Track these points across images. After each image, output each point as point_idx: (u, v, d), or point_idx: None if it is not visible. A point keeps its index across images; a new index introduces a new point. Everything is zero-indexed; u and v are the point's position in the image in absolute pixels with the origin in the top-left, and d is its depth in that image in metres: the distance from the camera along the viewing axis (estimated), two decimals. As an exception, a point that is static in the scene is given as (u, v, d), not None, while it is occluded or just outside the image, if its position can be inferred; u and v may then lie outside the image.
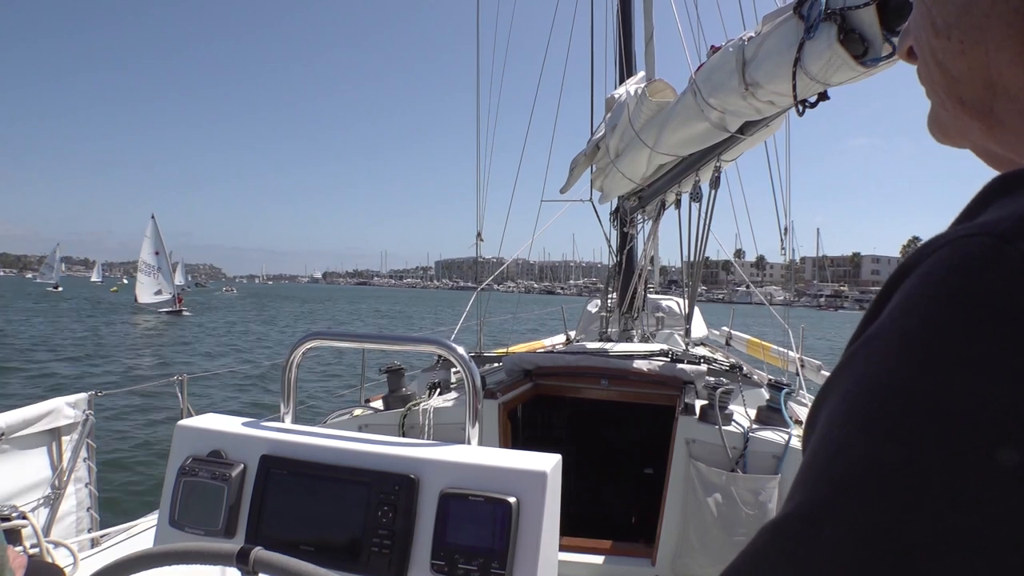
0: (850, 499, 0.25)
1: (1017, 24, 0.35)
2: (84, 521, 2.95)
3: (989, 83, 0.38)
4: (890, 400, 0.26)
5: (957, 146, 0.46)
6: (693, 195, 3.38)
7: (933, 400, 0.25)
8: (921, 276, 0.28)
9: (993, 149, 0.42)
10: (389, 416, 2.75)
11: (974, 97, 0.40)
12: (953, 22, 0.38)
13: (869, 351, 0.28)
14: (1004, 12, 0.35)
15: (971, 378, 0.24)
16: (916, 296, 0.27)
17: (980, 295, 0.25)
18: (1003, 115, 0.39)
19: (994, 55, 0.37)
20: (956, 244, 0.27)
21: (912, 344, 0.26)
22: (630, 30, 5.45)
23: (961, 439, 0.24)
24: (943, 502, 0.24)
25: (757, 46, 2.18)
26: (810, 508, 0.27)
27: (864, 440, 0.26)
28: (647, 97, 3.38)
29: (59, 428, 2.85)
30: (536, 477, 1.03)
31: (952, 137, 0.45)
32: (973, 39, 0.38)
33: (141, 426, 8.51)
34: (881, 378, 0.27)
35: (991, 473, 0.23)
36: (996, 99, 0.38)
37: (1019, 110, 0.37)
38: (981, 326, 0.25)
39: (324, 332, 1.38)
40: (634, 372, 2.96)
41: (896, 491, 0.24)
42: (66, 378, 12.92)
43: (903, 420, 0.25)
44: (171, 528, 1.17)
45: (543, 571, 1.00)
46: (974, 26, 0.37)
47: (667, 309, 6.16)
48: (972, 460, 0.24)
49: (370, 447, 1.14)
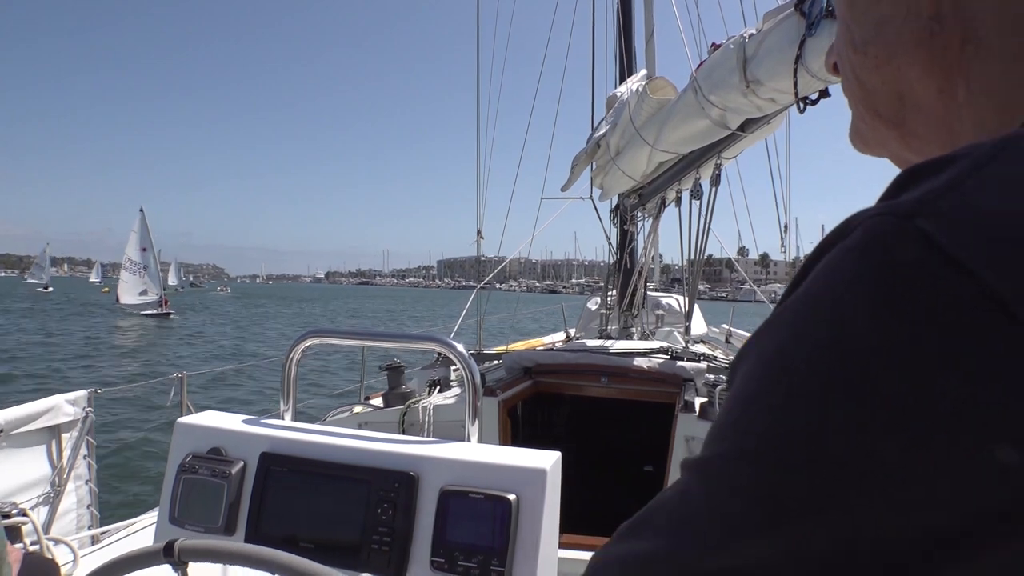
0: (761, 445, 0.28)
1: (924, 42, 0.38)
2: (84, 518, 2.95)
3: (900, 96, 0.41)
4: (790, 368, 0.28)
5: (876, 155, 0.49)
6: (694, 193, 3.38)
7: (823, 379, 0.27)
8: (832, 256, 0.29)
9: (908, 157, 0.45)
10: (389, 413, 2.75)
11: (888, 109, 0.43)
12: (869, 39, 0.42)
13: (783, 318, 0.30)
14: (913, 30, 0.39)
15: (871, 356, 0.26)
16: (828, 268, 0.29)
17: (878, 270, 0.27)
18: (914, 125, 0.42)
19: (904, 70, 0.40)
20: (867, 223, 0.29)
21: (815, 322, 0.28)
22: (630, 28, 5.44)
23: (832, 406, 0.26)
24: (825, 460, 0.26)
25: (758, 43, 2.17)
26: (730, 450, 0.30)
27: (772, 402, 0.28)
28: (648, 95, 3.38)
29: (59, 425, 2.85)
30: (536, 474, 1.03)
31: (871, 147, 0.48)
32: (886, 55, 0.41)
33: (139, 423, 8.52)
34: (788, 346, 0.29)
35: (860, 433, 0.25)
36: (907, 110, 0.42)
37: (928, 120, 0.41)
38: (879, 299, 0.26)
39: (324, 330, 1.38)
40: (634, 370, 2.96)
41: (788, 451, 0.27)
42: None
43: (792, 389, 0.28)
44: (171, 525, 1.17)
45: (543, 568, 1.00)
46: (887, 43, 0.41)
47: (667, 307, 6.16)
48: (842, 420, 0.26)
49: (370, 444, 1.14)
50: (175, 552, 0.84)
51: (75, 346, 20.14)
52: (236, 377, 12.39)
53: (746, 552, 0.27)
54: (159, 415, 8.14)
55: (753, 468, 0.28)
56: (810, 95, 2.09)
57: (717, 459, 0.30)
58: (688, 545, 0.29)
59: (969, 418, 0.24)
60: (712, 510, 0.29)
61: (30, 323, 28.69)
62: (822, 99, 2.09)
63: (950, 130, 0.40)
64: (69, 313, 36.62)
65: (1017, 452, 0.24)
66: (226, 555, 0.86)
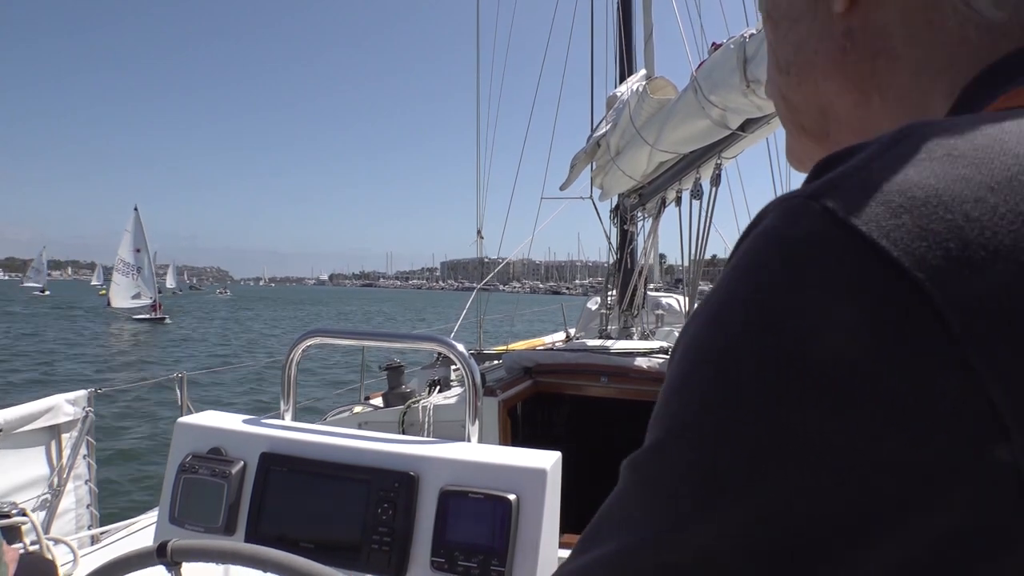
0: (678, 429, 0.29)
1: (838, 59, 0.41)
2: (84, 518, 2.95)
3: (823, 110, 0.44)
4: (702, 349, 0.29)
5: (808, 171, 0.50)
6: (694, 193, 3.38)
7: (736, 366, 0.27)
8: (746, 242, 0.30)
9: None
10: (389, 413, 2.75)
11: (812, 124, 0.46)
12: (791, 60, 0.45)
13: (700, 312, 0.31)
14: (827, 49, 0.42)
15: (780, 328, 0.27)
16: (740, 254, 0.30)
17: (782, 244, 0.28)
18: (837, 136, 0.45)
19: (823, 86, 0.43)
20: (780, 206, 0.30)
21: (729, 304, 0.29)
22: (630, 27, 5.44)
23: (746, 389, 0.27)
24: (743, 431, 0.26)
25: (759, 43, 2.17)
26: (658, 439, 0.30)
27: (691, 384, 0.29)
28: (648, 94, 3.38)
29: (59, 425, 2.85)
30: (536, 474, 1.03)
31: (804, 163, 0.50)
32: (806, 72, 0.44)
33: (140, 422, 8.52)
34: (701, 329, 0.30)
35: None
36: (830, 124, 0.45)
37: (847, 129, 0.44)
38: (783, 271, 0.27)
39: (324, 330, 1.38)
40: (634, 369, 2.95)
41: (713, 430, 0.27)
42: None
43: (711, 374, 0.28)
44: (171, 525, 1.17)
45: (543, 568, 1.00)
46: (806, 62, 0.44)
47: (667, 306, 6.16)
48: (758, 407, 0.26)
49: (370, 444, 1.14)
50: (168, 552, 0.84)
51: (41, 354, 18.38)
52: (234, 379, 12.37)
53: (687, 541, 0.27)
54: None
55: (679, 451, 0.28)
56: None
57: (645, 452, 0.30)
58: (629, 545, 0.29)
59: (868, 380, 0.25)
60: (646, 502, 0.29)
61: (5, 326, 27.35)
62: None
63: (871, 137, 0.40)
64: (55, 317, 35.12)
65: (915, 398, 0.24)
66: (219, 554, 0.86)
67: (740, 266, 0.30)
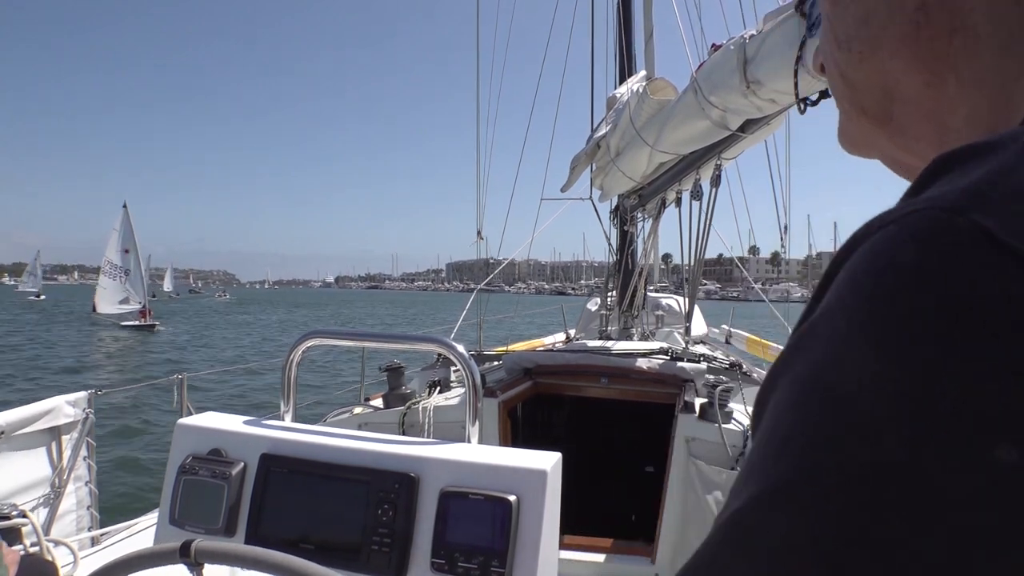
0: (804, 485, 0.24)
1: (910, 34, 0.37)
2: (84, 520, 2.95)
3: (887, 90, 0.40)
4: (836, 389, 0.25)
5: (865, 156, 0.47)
6: (694, 193, 3.38)
7: (876, 385, 0.23)
8: (865, 253, 0.26)
9: (899, 157, 0.44)
10: (389, 414, 2.75)
11: (874, 104, 0.42)
12: (853, 35, 0.41)
13: (815, 334, 0.27)
14: (898, 24, 0.38)
15: (923, 362, 0.23)
16: (861, 273, 0.26)
17: (930, 269, 0.24)
18: (902, 120, 0.41)
19: (889, 63, 0.39)
20: (904, 221, 0.26)
21: (862, 325, 0.25)
22: (630, 28, 5.44)
23: (925, 432, 0.22)
24: (896, 501, 0.22)
25: (759, 44, 2.17)
26: (764, 494, 0.26)
27: (815, 431, 0.25)
28: (648, 95, 3.38)
29: (59, 427, 2.85)
30: (536, 475, 1.03)
31: (860, 147, 0.46)
32: (870, 49, 0.40)
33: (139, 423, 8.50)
34: (828, 364, 0.26)
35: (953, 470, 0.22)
36: (894, 105, 0.40)
37: (916, 113, 0.40)
38: (932, 301, 0.23)
39: (324, 331, 1.38)
40: (634, 370, 2.95)
41: (851, 484, 0.23)
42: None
43: (852, 409, 0.24)
44: (171, 527, 1.17)
45: (543, 569, 1.00)
46: (871, 37, 0.40)
47: (667, 307, 6.16)
48: (939, 457, 0.22)
49: (370, 445, 1.14)
50: (191, 552, 0.84)
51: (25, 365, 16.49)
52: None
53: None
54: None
55: (803, 512, 0.24)
56: (811, 96, 2.09)
57: (753, 507, 0.26)
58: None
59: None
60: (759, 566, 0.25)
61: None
62: (823, 99, 2.09)
63: (941, 124, 0.39)
64: (34, 324, 32.29)
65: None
66: (243, 558, 0.85)
67: (866, 284, 0.25)
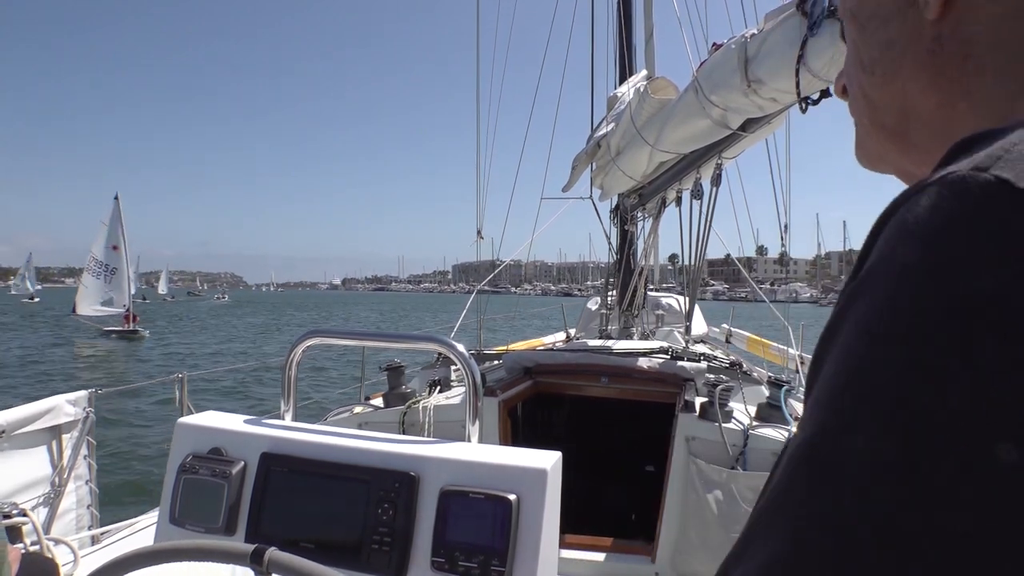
0: (876, 409, 0.28)
1: (927, 61, 0.44)
2: (84, 518, 2.95)
3: (904, 110, 0.47)
4: (906, 330, 0.28)
5: (879, 170, 0.54)
6: (694, 193, 3.38)
7: (942, 332, 0.27)
8: (911, 211, 0.30)
9: (911, 169, 0.50)
10: (389, 414, 2.75)
11: (893, 123, 0.48)
12: (876, 59, 0.47)
13: (874, 278, 0.31)
14: (916, 51, 0.44)
15: (987, 308, 0.26)
16: (911, 226, 0.30)
17: (968, 213, 0.28)
18: (915, 136, 0.47)
19: (908, 86, 0.45)
20: (940, 181, 0.29)
21: (919, 272, 0.28)
22: (630, 28, 5.44)
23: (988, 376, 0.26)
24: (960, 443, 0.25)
25: (760, 43, 2.17)
26: (836, 423, 0.29)
27: (887, 366, 0.28)
28: (649, 94, 3.37)
29: (59, 426, 2.85)
30: (536, 475, 1.03)
31: (874, 161, 0.53)
32: (892, 73, 0.46)
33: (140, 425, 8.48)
34: (890, 303, 0.29)
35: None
36: (910, 123, 0.47)
37: (929, 130, 0.46)
38: (980, 236, 0.27)
39: (324, 330, 1.38)
40: (634, 370, 2.95)
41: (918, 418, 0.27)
42: None
43: (923, 349, 0.27)
44: (171, 526, 1.17)
45: (543, 568, 1.00)
46: (893, 61, 0.46)
47: (667, 306, 6.16)
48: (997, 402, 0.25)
49: (370, 444, 1.14)
50: (265, 560, 0.83)
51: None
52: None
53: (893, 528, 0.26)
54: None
55: (885, 441, 0.27)
56: (811, 95, 2.09)
57: (826, 434, 0.29)
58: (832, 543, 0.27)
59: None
60: (842, 495, 0.27)
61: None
62: (823, 99, 2.08)
63: (951, 138, 0.41)
64: (5, 327, 30.24)
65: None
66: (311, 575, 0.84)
67: (918, 234, 0.29)
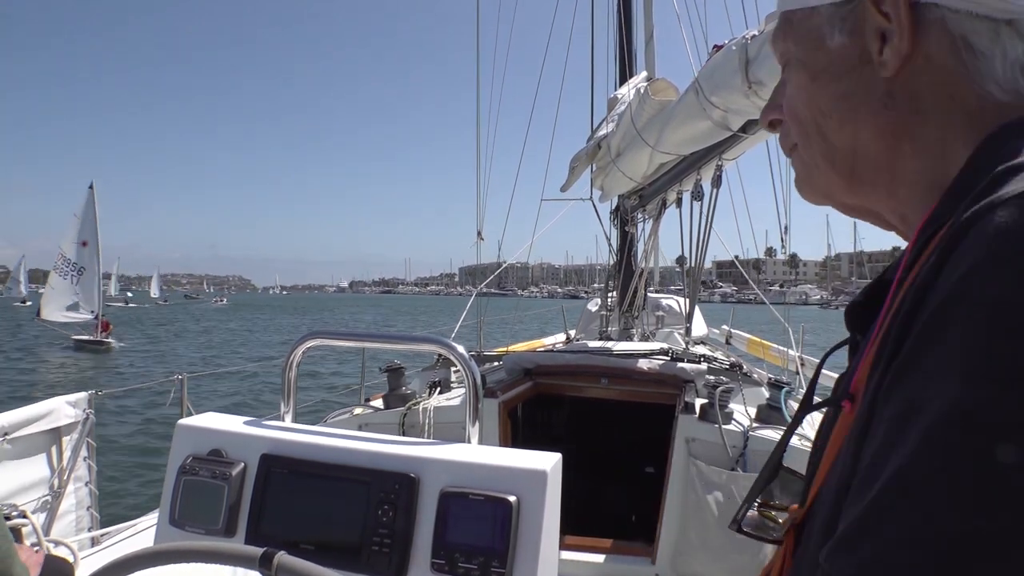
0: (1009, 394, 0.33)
1: (879, 111, 0.53)
2: (84, 520, 2.95)
3: (854, 150, 0.55)
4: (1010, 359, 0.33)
5: (818, 202, 0.62)
6: (694, 194, 3.38)
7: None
8: (989, 236, 0.36)
9: (850, 202, 0.59)
10: (389, 415, 2.75)
11: (842, 161, 0.56)
12: (833, 108, 0.56)
13: (964, 316, 0.36)
14: (871, 103, 0.53)
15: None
16: (997, 254, 0.36)
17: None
18: (862, 172, 0.56)
19: (861, 130, 0.54)
20: (1012, 203, 0.37)
21: (1012, 306, 0.34)
22: (630, 29, 5.44)
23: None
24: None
25: (761, 44, 2.17)
26: (969, 407, 0.34)
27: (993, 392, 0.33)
28: (649, 96, 3.37)
29: (59, 428, 2.85)
30: (536, 476, 1.03)
31: (818, 196, 0.62)
32: (847, 120, 0.55)
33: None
34: (994, 340, 0.34)
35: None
36: (858, 161, 0.55)
37: (875, 167, 0.55)
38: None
39: (324, 331, 1.38)
40: (634, 371, 2.95)
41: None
42: None
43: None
44: (171, 527, 1.17)
45: (543, 570, 1.00)
46: (849, 110, 0.55)
47: (667, 308, 6.16)
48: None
49: (370, 446, 1.14)
50: (273, 565, 0.82)
51: None
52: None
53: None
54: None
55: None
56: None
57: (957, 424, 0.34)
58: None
59: None
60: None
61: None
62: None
63: (893, 175, 0.54)
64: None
65: None
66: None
67: (1008, 266, 0.35)
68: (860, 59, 0.53)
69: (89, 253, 23.70)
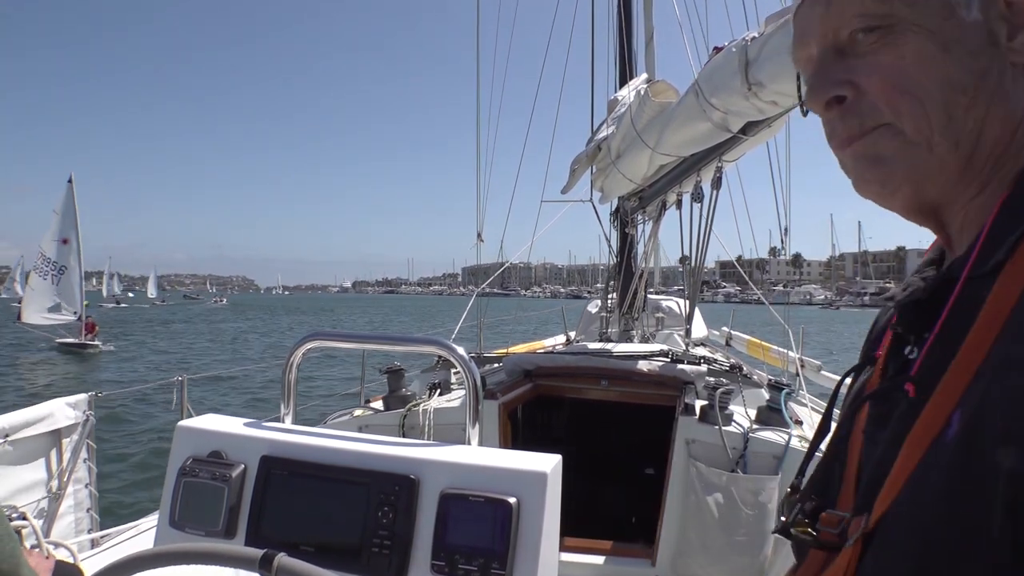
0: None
1: (1006, 97, 0.51)
2: (84, 522, 2.95)
3: (980, 133, 0.52)
4: None
5: (893, 192, 0.56)
6: (694, 196, 3.38)
7: None
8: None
9: (936, 195, 0.55)
10: (389, 416, 2.75)
11: (967, 142, 0.52)
12: (970, 84, 0.52)
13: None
14: (1004, 86, 0.52)
15: None
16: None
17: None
18: (977, 160, 0.52)
19: (991, 112, 0.52)
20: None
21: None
22: (630, 31, 5.44)
23: None
24: None
25: (761, 46, 2.17)
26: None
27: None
28: (649, 97, 3.38)
29: (59, 429, 2.85)
30: (536, 478, 1.03)
31: (904, 180, 0.55)
32: (982, 100, 0.52)
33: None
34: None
35: None
36: (979, 146, 0.52)
37: (987, 156, 0.52)
38: None
39: (324, 333, 1.38)
40: (634, 372, 2.95)
41: None
42: None
43: None
44: (171, 529, 1.17)
45: (543, 571, 1.00)
46: (987, 89, 0.52)
47: (667, 309, 6.16)
48: None
49: (370, 447, 1.13)
50: (273, 566, 0.82)
51: None
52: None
53: None
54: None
55: None
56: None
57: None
58: None
59: None
60: None
61: None
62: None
63: (997, 170, 0.51)
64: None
65: None
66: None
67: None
68: (989, 40, 0.52)
69: (70, 251, 22.27)
